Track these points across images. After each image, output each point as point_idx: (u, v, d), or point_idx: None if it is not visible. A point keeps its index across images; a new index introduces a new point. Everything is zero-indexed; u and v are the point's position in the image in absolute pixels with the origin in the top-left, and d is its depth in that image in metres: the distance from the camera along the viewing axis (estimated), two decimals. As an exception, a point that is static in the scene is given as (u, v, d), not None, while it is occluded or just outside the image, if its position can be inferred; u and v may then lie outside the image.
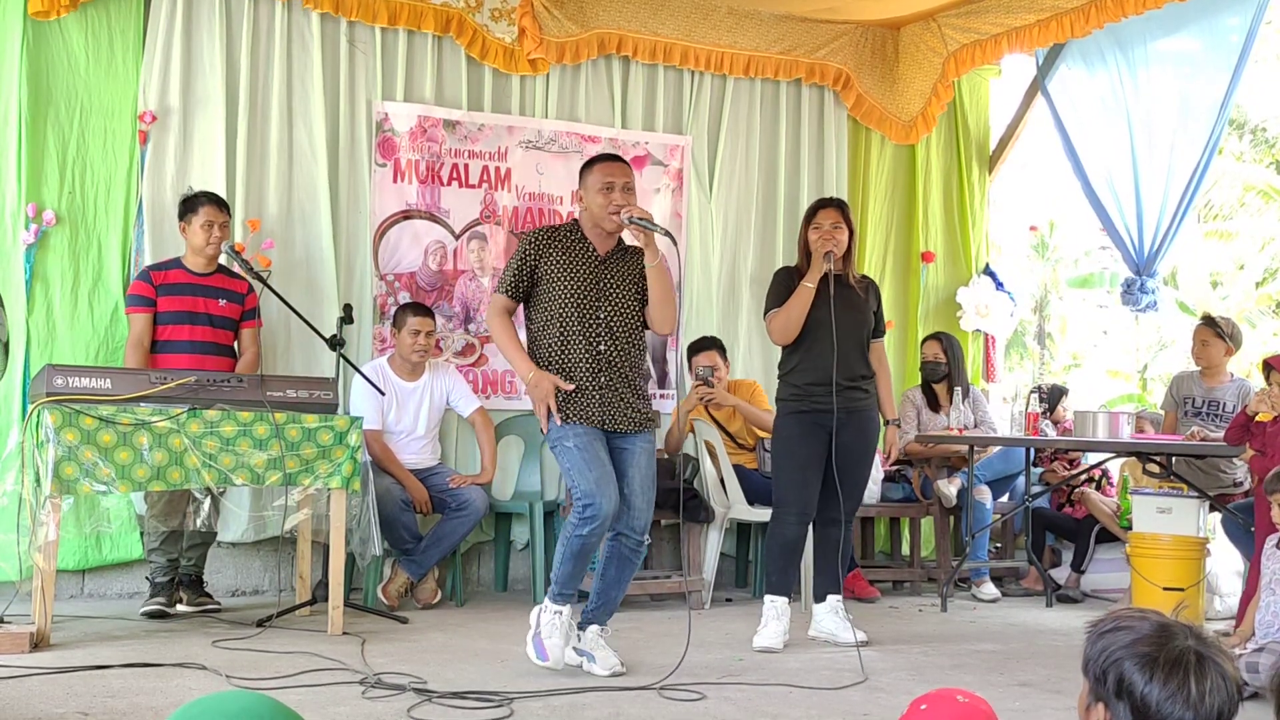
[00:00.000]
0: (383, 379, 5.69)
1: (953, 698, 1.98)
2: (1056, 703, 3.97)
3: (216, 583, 5.78)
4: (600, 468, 4.16)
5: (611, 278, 4.33)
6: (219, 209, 5.35)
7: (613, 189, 4.28)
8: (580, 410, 4.24)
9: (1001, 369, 8.06)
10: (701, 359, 6.33)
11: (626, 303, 4.34)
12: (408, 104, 6.27)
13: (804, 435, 4.95)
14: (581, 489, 4.13)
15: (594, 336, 4.27)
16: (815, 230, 5.01)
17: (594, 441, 4.20)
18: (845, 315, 4.99)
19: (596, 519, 4.11)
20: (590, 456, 4.16)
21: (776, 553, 5.01)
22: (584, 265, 4.30)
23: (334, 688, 3.91)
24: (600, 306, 4.29)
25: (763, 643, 4.82)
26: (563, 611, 4.22)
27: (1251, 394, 6.21)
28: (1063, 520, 6.98)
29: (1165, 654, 1.72)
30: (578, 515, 4.15)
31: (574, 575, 4.25)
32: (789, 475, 4.97)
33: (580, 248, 4.33)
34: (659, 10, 6.79)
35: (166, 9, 5.79)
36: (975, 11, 6.94)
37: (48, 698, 3.67)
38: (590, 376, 4.25)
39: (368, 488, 5.00)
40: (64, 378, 4.56)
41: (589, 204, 4.32)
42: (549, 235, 4.36)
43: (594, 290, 4.28)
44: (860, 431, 5.04)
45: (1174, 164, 6.96)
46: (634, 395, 4.33)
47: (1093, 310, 17.18)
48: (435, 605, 5.73)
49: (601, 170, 4.33)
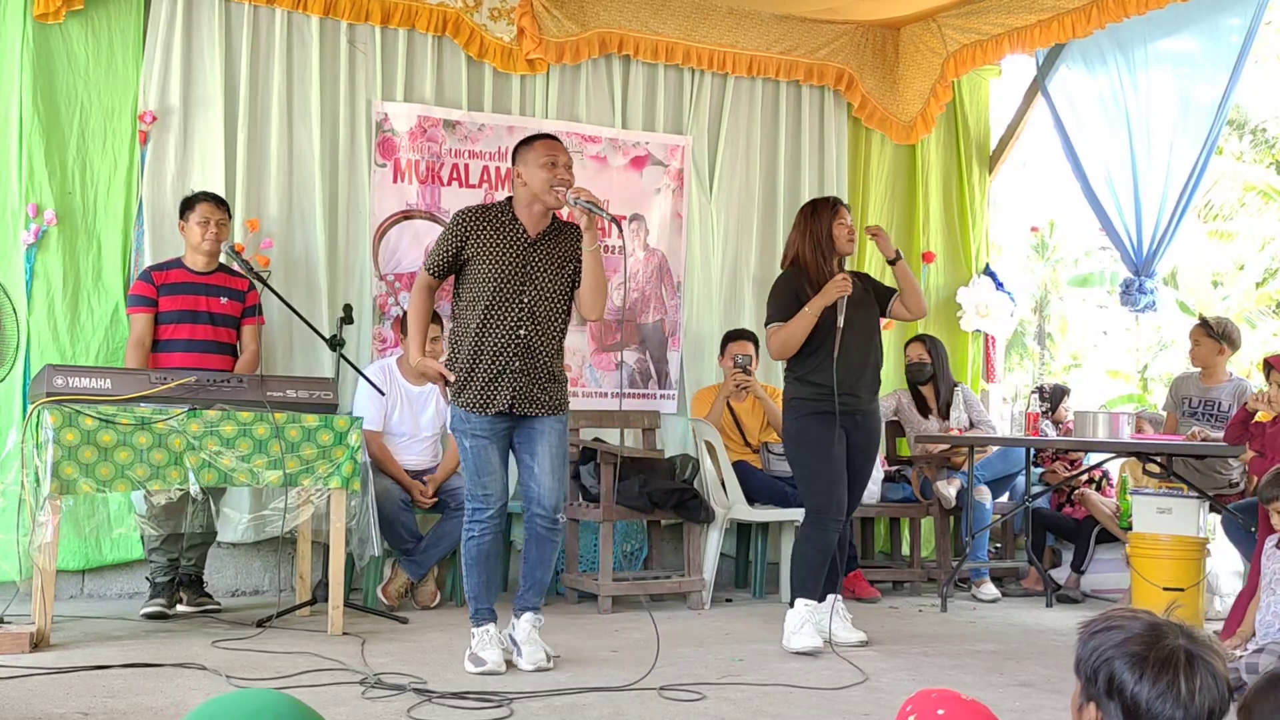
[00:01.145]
0: (389, 379, 5.70)
1: (932, 701, 1.99)
2: (1056, 703, 3.97)
3: (216, 583, 5.78)
4: (490, 473, 4.29)
5: (540, 260, 4.31)
6: (216, 206, 5.37)
7: (556, 165, 4.28)
8: (490, 398, 4.26)
9: (1001, 369, 8.05)
10: (739, 347, 6.44)
11: (553, 286, 4.32)
12: (407, 104, 6.28)
13: (830, 438, 4.89)
14: (470, 490, 4.32)
15: (516, 321, 4.26)
16: (841, 225, 4.99)
17: (488, 445, 4.28)
18: (860, 313, 4.97)
19: (484, 519, 4.28)
20: (483, 462, 4.28)
21: (815, 560, 4.91)
22: (512, 246, 4.29)
23: (334, 688, 3.91)
24: (525, 290, 4.27)
25: (808, 644, 4.76)
26: (489, 629, 4.30)
27: (1249, 393, 6.23)
28: (1063, 521, 6.98)
29: (1155, 653, 1.72)
30: (468, 517, 4.32)
31: (485, 586, 4.34)
32: (825, 482, 4.89)
33: (511, 228, 4.31)
34: (659, 10, 6.79)
35: (167, 9, 5.79)
36: (976, 12, 6.95)
37: (48, 698, 3.67)
38: (507, 360, 4.26)
39: (367, 488, 5.00)
40: (64, 378, 4.57)
41: (529, 179, 4.29)
42: (479, 214, 4.36)
43: (520, 273, 4.27)
44: (870, 431, 5.08)
45: (1173, 164, 6.96)
46: (549, 381, 4.34)
47: (1093, 310, 17.20)
48: (435, 606, 5.74)
49: (544, 147, 4.33)
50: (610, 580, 5.77)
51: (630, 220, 6.78)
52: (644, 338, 6.83)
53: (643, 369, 6.81)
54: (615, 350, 6.75)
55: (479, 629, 4.30)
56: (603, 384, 6.69)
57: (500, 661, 4.23)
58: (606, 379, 6.71)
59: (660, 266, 6.87)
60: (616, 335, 6.73)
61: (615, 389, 6.73)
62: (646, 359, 6.83)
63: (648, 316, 6.84)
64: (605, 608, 5.71)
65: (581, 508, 5.93)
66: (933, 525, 6.99)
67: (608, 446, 5.92)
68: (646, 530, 6.41)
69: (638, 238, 6.81)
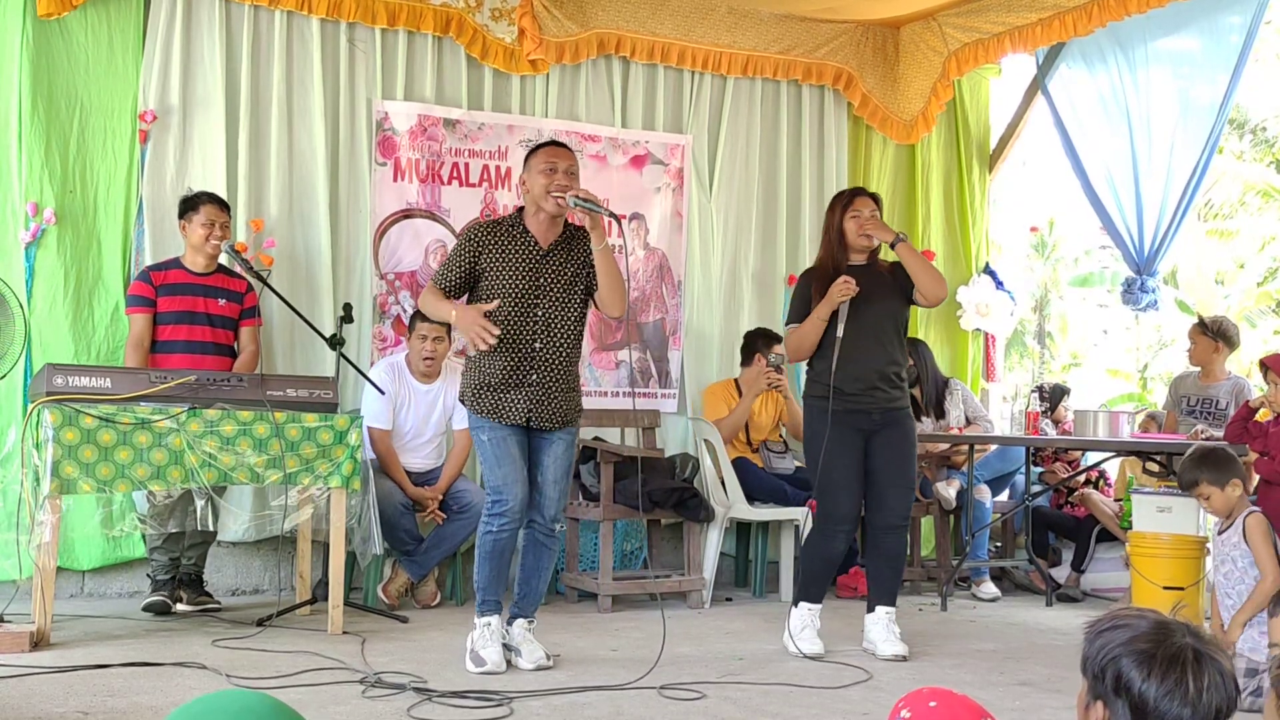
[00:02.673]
0: (397, 377, 5.68)
1: (924, 695, 1.99)
2: (1056, 702, 3.97)
3: (217, 582, 5.78)
4: (510, 463, 4.25)
5: (553, 271, 4.30)
6: (220, 208, 5.35)
7: (555, 171, 4.28)
8: (506, 409, 4.26)
9: (1001, 368, 8.05)
10: (774, 347, 6.44)
11: (567, 296, 4.32)
12: (408, 103, 6.27)
13: (844, 443, 4.72)
14: (491, 483, 4.29)
15: (531, 334, 4.26)
16: (854, 219, 4.81)
17: (507, 437, 4.26)
18: (872, 308, 4.77)
19: (504, 514, 4.24)
20: (502, 452, 4.25)
21: (820, 567, 4.82)
22: (525, 259, 4.28)
23: (334, 687, 3.91)
24: (539, 303, 4.27)
25: (810, 649, 4.71)
26: (491, 622, 4.28)
27: (1245, 391, 6.25)
28: (1063, 520, 6.98)
29: (1163, 651, 1.72)
30: (487, 511, 4.29)
31: (494, 579, 4.32)
32: (831, 489, 4.75)
33: (522, 240, 4.31)
34: (658, 10, 6.79)
35: (166, 8, 5.79)
36: (976, 10, 6.94)
37: (48, 697, 3.67)
38: (524, 374, 4.26)
39: (368, 487, 5.00)
40: (64, 377, 4.57)
41: (531, 185, 4.31)
42: (489, 228, 4.36)
43: (533, 285, 4.27)
44: (898, 431, 4.80)
45: (1174, 163, 6.96)
46: (562, 393, 4.33)
47: (1093, 309, 17.20)
48: (435, 605, 5.74)
49: (546, 154, 4.34)
50: (610, 579, 5.76)
51: (630, 219, 6.77)
52: (645, 337, 6.82)
53: (643, 368, 6.81)
54: (616, 349, 6.75)
55: (482, 620, 4.27)
56: (603, 383, 6.69)
57: (501, 661, 4.22)
58: (607, 378, 6.71)
59: (660, 266, 6.87)
60: (618, 334, 6.73)
61: (615, 388, 6.72)
62: (647, 358, 6.83)
63: (648, 316, 6.84)
64: (605, 607, 5.71)
65: (581, 507, 5.93)
66: (932, 524, 6.99)
67: (608, 446, 5.92)
68: (646, 529, 6.40)
69: (638, 237, 6.81)
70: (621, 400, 6.68)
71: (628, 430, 6.47)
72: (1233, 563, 4.45)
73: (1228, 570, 4.47)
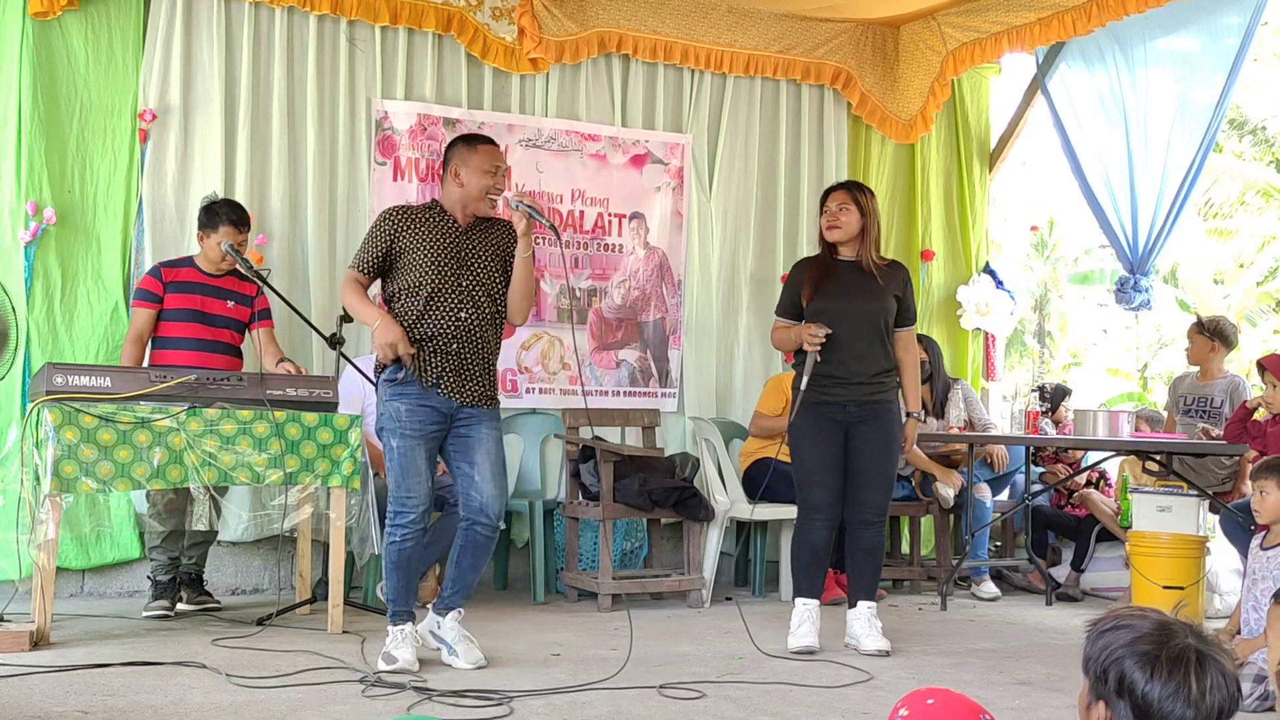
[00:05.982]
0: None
1: (921, 693, 1.99)
2: (1056, 701, 3.97)
3: (216, 581, 5.78)
4: (415, 476, 4.23)
5: (474, 247, 4.32)
6: (238, 229, 5.29)
7: (496, 173, 4.32)
8: (425, 367, 4.23)
9: (1001, 367, 8.06)
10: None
11: (489, 273, 4.33)
12: (408, 102, 6.27)
13: (819, 432, 4.78)
14: (394, 494, 4.26)
15: (457, 303, 4.26)
16: (824, 216, 4.86)
17: (416, 447, 4.23)
18: (857, 305, 4.78)
19: (406, 525, 4.23)
20: (409, 463, 4.22)
21: (805, 559, 4.84)
22: (445, 236, 4.30)
23: (334, 686, 3.91)
24: (463, 275, 4.28)
25: (803, 643, 4.72)
26: (404, 629, 4.26)
27: (1241, 389, 6.26)
28: (1063, 519, 6.98)
29: (1166, 652, 1.72)
30: (390, 521, 4.26)
31: (404, 589, 4.29)
32: (810, 477, 4.80)
33: (441, 220, 4.33)
34: (659, 9, 6.79)
35: (166, 7, 5.79)
36: (975, 10, 6.94)
37: (47, 696, 3.67)
38: (447, 342, 4.25)
39: (367, 486, 5.00)
40: (64, 376, 4.56)
41: (467, 182, 4.30)
42: (405, 210, 4.38)
43: (455, 260, 4.28)
44: (878, 426, 4.80)
45: (1169, 163, 6.96)
46: (482, 371, 4.33)
47: (1092, 308, 17.19)
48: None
49: (488, 153, 4.34)
50: (610, 579, 5.76)
51: (630, 219, 6.77)
52: (645, 336, 6.82)
53: (643, 367, 6.81)
54: (616, 349, 6.75)
55: (395, 628, 4.26)
56: (603, 382, 6.69)
57: (413, 660, 4.19)
58: (607, 377, 6.71)
59: (660, 265, 6.87)
60: (618, 333, 6.73)
61: (615, 387, 6.72)
62: (647, 357, 6.83)
63: (648, 315, 6.84)
64: (605, 606, 5.71)
65: (581, 506, 5.93)
66: (932, 524, 6.99)
67: (608, 445, 5.92)
68: (646, 529, 6.40)
69: (638, 236, 6.81)
70: (622, 400, 6.69)
71: (628, 429, 6.47)
72: (1274, 580, 4.28)
73: (1265, 588, 4.31)
